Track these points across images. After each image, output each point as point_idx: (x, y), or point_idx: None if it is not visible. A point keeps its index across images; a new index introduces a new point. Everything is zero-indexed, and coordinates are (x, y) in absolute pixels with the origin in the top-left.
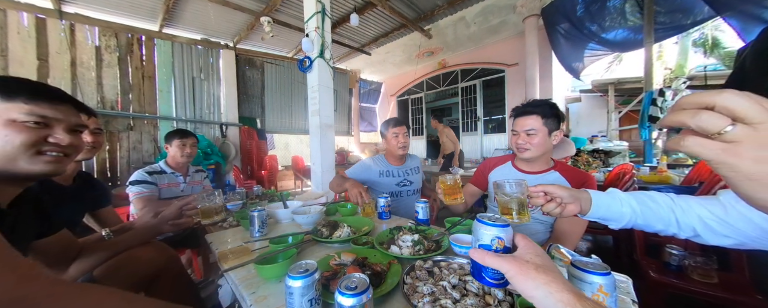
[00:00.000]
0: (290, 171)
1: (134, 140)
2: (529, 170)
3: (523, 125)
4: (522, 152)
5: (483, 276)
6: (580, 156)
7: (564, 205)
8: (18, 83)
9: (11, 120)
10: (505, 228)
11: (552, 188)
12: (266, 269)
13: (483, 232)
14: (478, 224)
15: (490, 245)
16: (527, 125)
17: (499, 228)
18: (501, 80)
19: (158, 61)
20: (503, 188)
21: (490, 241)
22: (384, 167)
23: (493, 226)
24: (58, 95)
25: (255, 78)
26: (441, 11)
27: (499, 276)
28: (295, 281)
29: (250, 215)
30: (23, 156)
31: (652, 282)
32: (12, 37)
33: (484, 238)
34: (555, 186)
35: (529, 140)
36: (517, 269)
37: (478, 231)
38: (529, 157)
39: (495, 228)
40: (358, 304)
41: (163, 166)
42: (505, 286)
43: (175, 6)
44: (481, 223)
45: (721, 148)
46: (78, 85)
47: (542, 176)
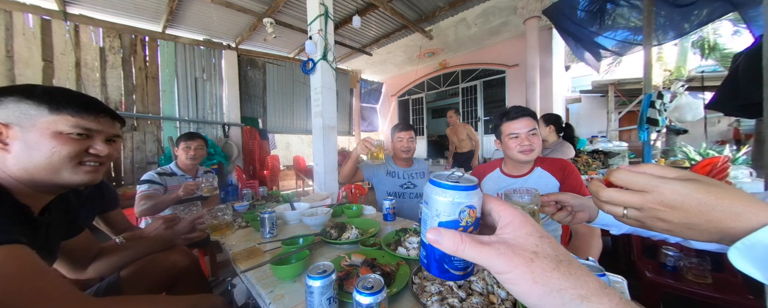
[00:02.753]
0: (292, 171)
1: (138, 140)
2: (519, 174)
3: (523, 126)
4: (527, 153)
5: (445, 269)
6: (579, 157)
7: (574, 213)
8: (64, 96)
9: (58, 132)
10: (474, 191)
11: (563, 196)
12: (282, 269)
13: (442, 201)
14: (435, 190)
15: (458, 220)
16: (530, 125)
17: (467, 192)
18: (501, 81)
19: (161, 61)
20: (514, 198)
21: (458, 214)
22: (390, 167)
23: (457, 190)
24: (99, 107)
25: (257, 78)
26: (442, 12)
27: (465, 266)
28: (315, 281)
29: (261, 218)
30: (67, 167)
31: (648, 282)
32: (18, 39)
33: (446, 210)
34: (566, 195)
35: (533, 141)
36: (520, 268)
37: (434, 199)
38: (532, 158)
39: (462, 193)
40: (374, 303)
41: (174, 168)
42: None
43: (179, 7)
44: (439, 187)
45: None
46: (83, 86)
47: (530, 176)
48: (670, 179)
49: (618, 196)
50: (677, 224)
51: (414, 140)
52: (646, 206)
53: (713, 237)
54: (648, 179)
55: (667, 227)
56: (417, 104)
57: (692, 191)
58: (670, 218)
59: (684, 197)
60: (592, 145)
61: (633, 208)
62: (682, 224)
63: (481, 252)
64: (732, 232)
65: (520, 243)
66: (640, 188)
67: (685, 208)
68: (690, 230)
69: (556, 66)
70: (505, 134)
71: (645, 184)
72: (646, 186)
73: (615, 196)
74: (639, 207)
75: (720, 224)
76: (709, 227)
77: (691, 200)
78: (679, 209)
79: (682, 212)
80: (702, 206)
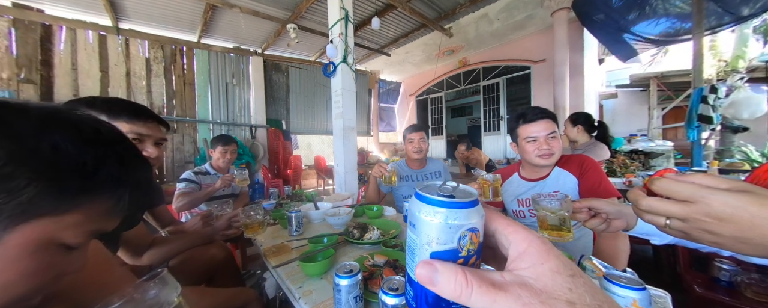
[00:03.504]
0: (313, 170)
1: (177, 141)
2: (537, 177)
3: (542, 128)
4: (546, 157)
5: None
6: (615, 158)
7: (610, 221)
8: (119, 105)
9: None
10: (474, 208)
11: (597, 203)
12: (310, 266)
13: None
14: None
15: (458, 249)
16: (549, 128)
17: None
18: (526, 78)
19: (197, 68)
20: (543, 204)
21: (458, 241)
22: (404, 172)
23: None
24: (148, 114)
25: (281, 82)
26: (462, 9)
27: None
28: (343, 280)
29: (289, 216)
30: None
31: (697, 298)
32: (80, 53)
33: (440, 235)
34: (600, 201)
35: (553, 144)
36: None
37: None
38: (551, 163)
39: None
40: (400, 304)
41: (208, 168)
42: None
43: (212, 18)
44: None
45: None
46: (132, 93)
47: (549, 179)
48: (720, 190)
49: (660, 205)
50: (727, 238)
51: (425, 140)
52: (692, 217)
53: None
54: (694, 189)
55: (715, 240)
56: (436, 104)
57: (745, 203)
58: (720, 230)
59: (735, 210)
60: (631, 144)
61: (677, 219)
62: (733, 237)
63: (496, 302)
64: None
65: (547, 287)
66: (685, 197)
67: (736, 221)
68: (742, 244)
69: (588, 59)
70: (522, 138)
71: (691, 194)
72: (692, 196)
73: (656, 205)
74: (683, 218)
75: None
76: (765, 241)
77: (743, 213)
78: (730, 222)
79: (732, 226)
80: (755, 220)
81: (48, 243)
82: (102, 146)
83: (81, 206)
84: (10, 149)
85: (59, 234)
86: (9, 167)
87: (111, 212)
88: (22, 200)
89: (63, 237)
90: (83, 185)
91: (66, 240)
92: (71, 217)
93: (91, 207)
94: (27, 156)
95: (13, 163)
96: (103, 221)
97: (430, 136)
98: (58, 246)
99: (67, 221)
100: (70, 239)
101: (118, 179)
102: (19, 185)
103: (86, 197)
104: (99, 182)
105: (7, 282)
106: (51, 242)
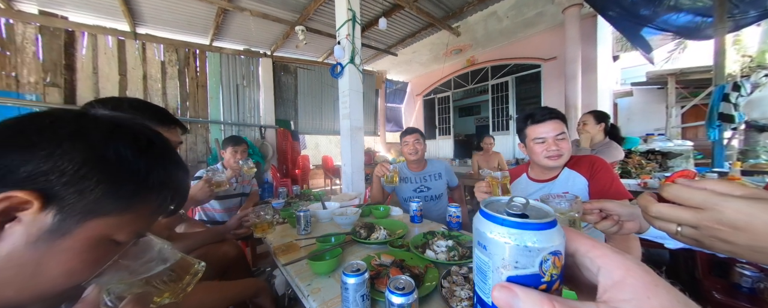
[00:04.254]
0: (320, 170)
1: (190, 142)
2: (546, 178)
3: (552, 129)
4: (555, 159)
5: None
6: (630, 158)
7: (622, 223)
8: (147, 109)
9: None
10: (554, 229)
11: (609, 204)
12: (318, 265)
13: (509, 245)
14: (491, 226)
15: (540, 274)
16: (558, 129)
17: (545, 232)
18: (536, 76)
19: (209, 71)
20: (552, 205)
21: (539, 266)
22: (403, 174)
23: (530, 229)
24: (172, 120)
25: (289, 83)
26: (470, 8)
27: None
28: (350, 278)
29: (297, 215)
30: None
31: (716, 304)
32: (101, 57)
33: (518, 259)
34: (612, 203)
35: (561, 145)
36: None
37: (495, 242)
38: (560, 164)
39: (538, 233)
40: (406, 303)
41: (220, 167)
42: None
43: (223, 21)
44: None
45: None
46: (149, 95)
47: (558, 180)
48: (734, 197)
49: (670, 212)
50: (742, 247)
51: (420, 141)
52: (703, 224)
53: None
54: (707, 196)
55: (729, 249)
56: (443, 103)
57: (759, 211)
58: (733, 239)
59: (749, 218)
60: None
61: (688, 226)
62: (748, 246)
63: None
64: None
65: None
66: (696, 204)
67: (751, 230)
68: (758, 253)
69: (602, 57)
70: (531, 139)
71: (703, 201)
72: (704, 203)
73: (667, 212)
74: (695, 225)
75: None
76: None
77: (757, 221)
78: (744, 231)
79: (747, 234)
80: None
81: (105, 239)
82: (153, 154)
83: (134, 207)
84: (86, 155)
85: (114, 231)
86: (84, 169)
87: (155, 213)
88: (90, 199)
89: (116, 234)
90: (137, 189)
91: (118, 237)
92: (127, 216)
93: (141, 208)
94: (97, 161)
95: (87, 166)
96: (148, 221)
97: (438, 136)
98: (110, 242)
99: (124, 220)
100: (122, 236)
101: (164, 184)
102: (89, 186)
103: (139, 200)
104: (149, 186)
105: (72, 269)
106: (107, 237)
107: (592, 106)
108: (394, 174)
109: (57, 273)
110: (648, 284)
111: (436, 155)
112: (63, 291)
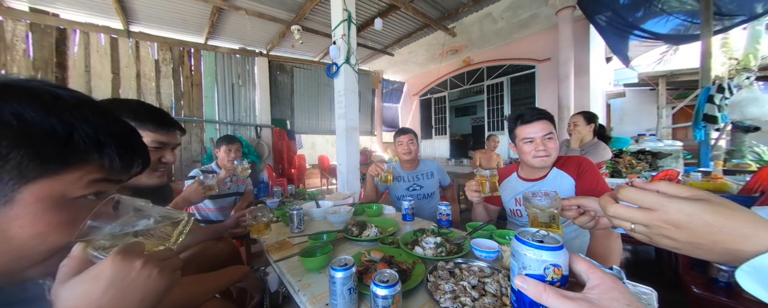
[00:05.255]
0: (317, 170)
1: (185, 141)
2: (535, 177)
3: (539, 130)
4: (542, 159)
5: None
6: (621, 158)
7: (597, 218)
8: (147, 112)
9: None
10: (559, 251)
11: (585, 200)
12: (309, 261)
13: (529, 257)
14: (521, 246)
15: (544, 275)
16: (546, 129)
17: (552, 252)
18: (531, 77)
19: (204, 70)
20: (534, 202)
21: (543, 270)
22: (396, 173)
23: (543, 250)
24: (171, 122)
25: (285, 82)
26: (466, 9)
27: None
28: (338, 272)
29: (290, 214)
30: (145, 173)
31: (696, 298)
32: (93, 56)
33: (532, 265)
34: (588, 199)
35: (549, 145)
36: None
37: (521, 254)
38: (548, 163)
39: (547, 253)
40: (389, 295)
41: (214, 167)
42: None
43: (218, 20)
44: (524, 245)
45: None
46: (142, 94)
47: (547, 179)
48: (678, 199)
49: (625, 212)
50: (683, 243)
51: (414, 142)
52: (652, 223)
53: (722, 257)
54: (655, 198)
55: (673, 245)
56: (439, 103)
57: (699, 211)
58: (676, 236)
59: (690, 217)
60: (638, 144)
61: (640, 224)
62: (688, 243)
63: (564, 304)
64: (739, 254)
65: (601, 301)
66: (647, 206)
67: (690, 228)
68: (697, 249)
69: (595, 58)
70: (520, 138)
71: (652, 202)
72: (653, 204)
73: (622, 212)
74: (645, 224)
75: (727, 245)
76: (716, 247)
77: (697, 221)
78: (685, 229)
79: (687, 232)
80: (708, 227)
81: (61, 198)
82: (66, 111)
83: (73, 165)
84: None
85: (67, 190)
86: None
87: (112, 170)
88: (12, 165)
89: (70, 192)
90: (63, 150)
91: (73, 193)
92: (70, 176)
93: (84, 167)
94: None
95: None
96: (105, 175)
97: (434, 136)
98: (72, 201)
99: (67, 179)
100: (77, 192)
101: (98, 141)
102: (1, 153)
103: (76, 158)
104: (79, 144)
105: (41, 232)
106: (64, 197)
107: (584, 107)
108: (389, 174)
109: (26, 238)
110: (610, 287)
111: (433, 154)
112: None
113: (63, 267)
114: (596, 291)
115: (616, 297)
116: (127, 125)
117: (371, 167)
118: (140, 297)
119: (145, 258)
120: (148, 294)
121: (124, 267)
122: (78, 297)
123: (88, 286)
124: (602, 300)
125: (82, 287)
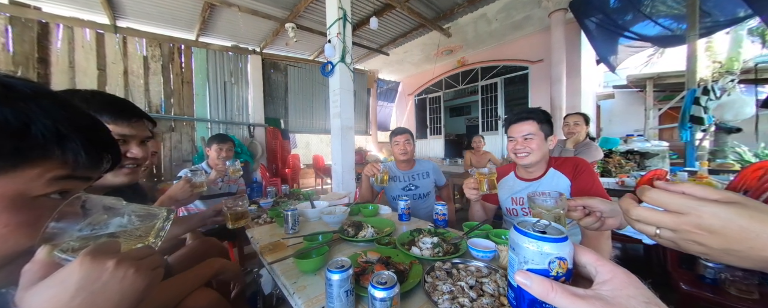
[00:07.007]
0: (311, 169)
1: (175, 140)
2: (531, 177)
3: (519, 130)
4: (522, 158)
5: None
6: (611, 158)
7: (604, 219)
8: (101, 102)
9: None
10: (564, 243)
11: (592, 201)
12: (304, 263)
13: (531, 249)
14: (522, 238)
15: (548, 270)
16: (524, 130)
17: (556, 244)
18: (524, 78)
19: (195, 67)
20: (539, 202)
21: (548, 264)
22: (393, 173)
23: (547, 242)
24: (134, 113)
25: (279, 81)
26: (461, 9)
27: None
28: (334, 275)
29: (285, 214)
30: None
31: (683, 295)
32: (78, 51)
33: (534, 258)
34: (595, 200)
35: (527, 145)
36: None
37: (522, 247)
38: (529, 162)
39: (551, 245)
40: (387, 297)
41: (205, 166)
42: None
43: (210, 16)
44: (525, 236)
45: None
46: (130, 92)
47: (544, 179)
48: (710, 202)
49: (650, 215)
50: (715, 250)
51: (410, 142)
52: (682, 228)
53: (756, 264)
54: (685, 201)
55: (703, 251)
56: (434, 103)
57: (734, 215)
58: (708, 242)
59: (725, 222)
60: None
61: (667, 229)
62: (721, 249)
63: (575, 304)
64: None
65: (620, 305)
66: (675, 209)
67: (725, 234)
68: (730, 255)
69: (586, 60)
70: (508, 138)
71: (681, 206)
72: (683, 208)
73: (647, 215)
74: (674, 229)
75: (764, 252)
76: (752, 254)
77: (733, 226)
78: (719, 235)
79: (721, 238)
80: (744, 233)
81: (19, 197)
82: (21, 102)
83: (33, 161)
84: None
85: (25, 188)
86: None
87: (75, 166)
88: None
89: (30, 190)
90: (19, 144)
91: (34, 191)
92: (28, 172)
93: (45, 162)
94: None
95: None
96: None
97: (429, 135)
98: (37, 199)
99: (26, 176)
100: (37, 190)
101: (59, 134)
102: None
103: (35, 153)
104: (37, 139)
105: None
106: (23, 196)
107: (576, 107)
108: (385, 174)
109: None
110: (625, 282)
111: (428, 154)
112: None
113: (26, 272)
114: (608, 287)
115: (632, 294)
116: (92, 117)
117: (367, 167)
118: (117, 299)
119: (119, 258)
120: (124, 296)
121: (94, 268)
122: (44, 303)
123: (55, 290)
124: (617, 297)
125: (48, 292)
